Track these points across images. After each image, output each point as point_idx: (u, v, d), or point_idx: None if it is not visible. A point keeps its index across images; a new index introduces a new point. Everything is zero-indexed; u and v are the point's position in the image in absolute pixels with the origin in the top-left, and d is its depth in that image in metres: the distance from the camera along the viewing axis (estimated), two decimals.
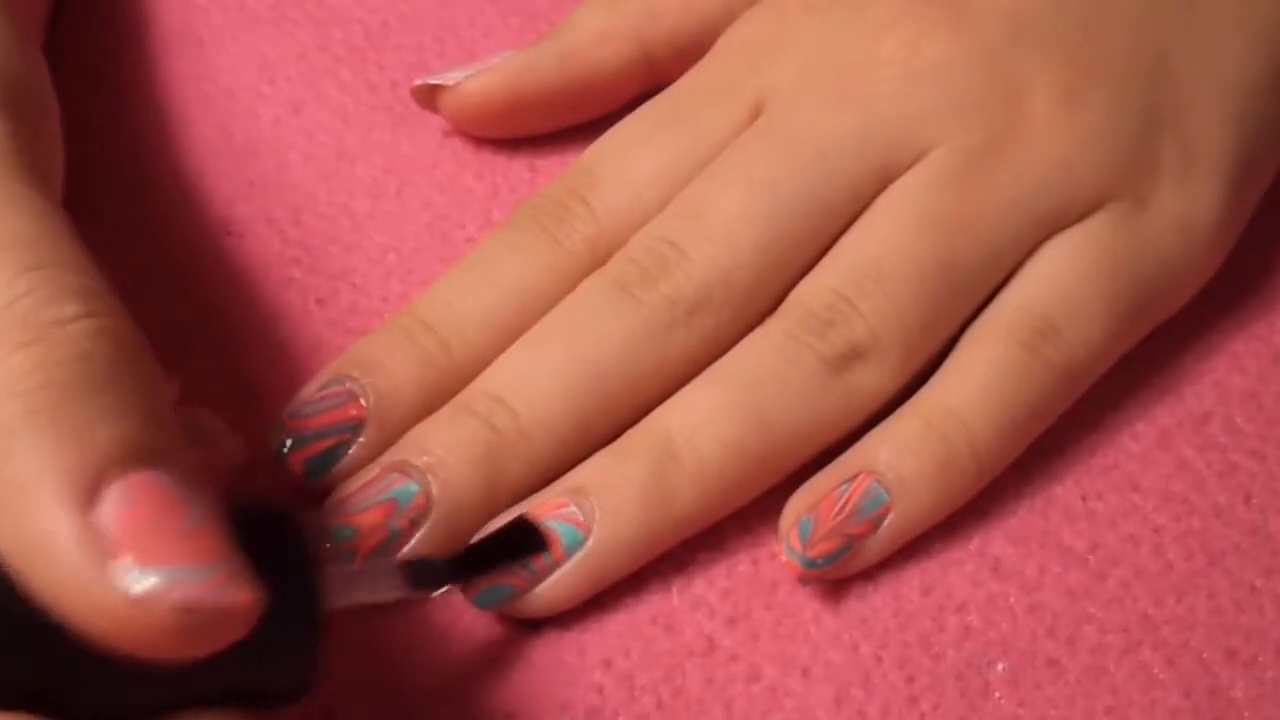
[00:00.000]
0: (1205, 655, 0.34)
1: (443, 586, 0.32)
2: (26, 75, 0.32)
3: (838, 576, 0.34)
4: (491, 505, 0.34)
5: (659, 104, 0.39)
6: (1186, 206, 0.37)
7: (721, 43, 0.39)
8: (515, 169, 0.41)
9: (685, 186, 0.37)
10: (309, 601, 0.28)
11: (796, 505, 0.34)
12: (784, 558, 0.34)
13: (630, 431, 0.35)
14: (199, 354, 0.37)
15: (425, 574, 0.31)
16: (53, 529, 0.24)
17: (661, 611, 0.34)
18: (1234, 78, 0.38)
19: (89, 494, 0.24)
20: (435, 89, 0.40)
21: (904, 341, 0.35)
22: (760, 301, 0.36)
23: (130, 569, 0.24)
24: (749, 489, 0.35)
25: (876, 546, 0.34)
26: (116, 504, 0.24)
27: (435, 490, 0.33)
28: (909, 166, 0.36)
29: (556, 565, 0.33)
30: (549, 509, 0.33)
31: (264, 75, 0.42)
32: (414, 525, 0.33)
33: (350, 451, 0.34)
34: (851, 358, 0.35)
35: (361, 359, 0.35)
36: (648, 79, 0.41)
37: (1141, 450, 0.37)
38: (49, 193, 0.29)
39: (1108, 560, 0.35)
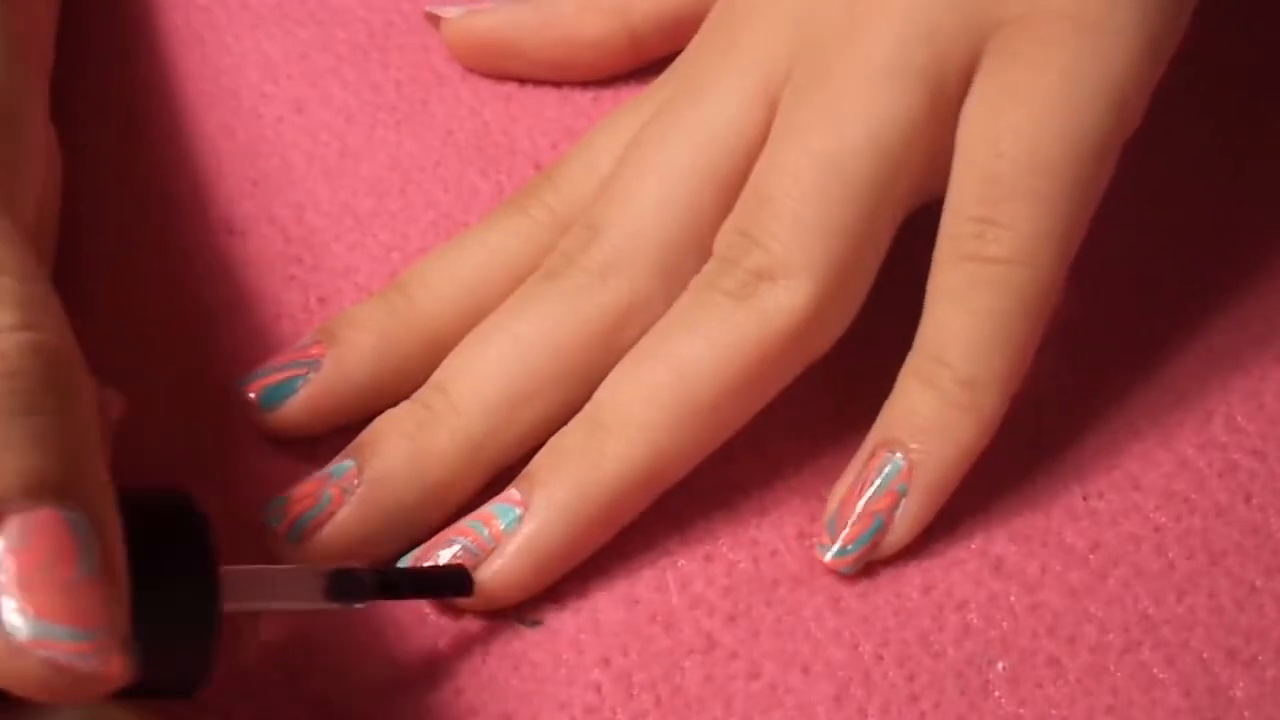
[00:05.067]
0: (1205, 655, 0.34)
1: (363, 601, 0.31)
2: (5, 90, 0.32)
3: (879, 556, 0.35)
4: (420, 473, 0.34)
5: (626, 103, 0.40)
6: None
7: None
8: (519, 167, 0.41)
9: None
10: (204, 600, 0.28)
11: (828, 509, 0.35)
12: (823, 560, 0.34)
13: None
14: (200, 352, 0.37)
15: (347, 585, 0.31)
16: None
17: (660, 609, 0.34)
18: None
19: None
20: (436, 19, 0.43)
21: (804, 253, 0.34)
22: (685, 258, 0.35)
23: (11, 612, 0.24)
24: (683, 438, 0.34)
25: (908, 516, 0.34)
26: (14, 539, 0.24)
27: (363, 462, 0.34)
28: (782, 86, 0.35)
29: (495, 542, 0.33)
30: (495, 500, 0.34)
31: (267, 75, 0.42)
32: (344, 494, 0.34)
33: (304, 386, 0.35)
34: (754, 283, 0.34)
35: (335, 317, 0.37)
36: (631, 55, 0.42)
37: (1143, 449, 0.37)
38: (7, 206, 0.29)
39: (1108, 559, 0.35)
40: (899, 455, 0.34)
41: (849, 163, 0.34)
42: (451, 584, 0.33)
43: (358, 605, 0.31)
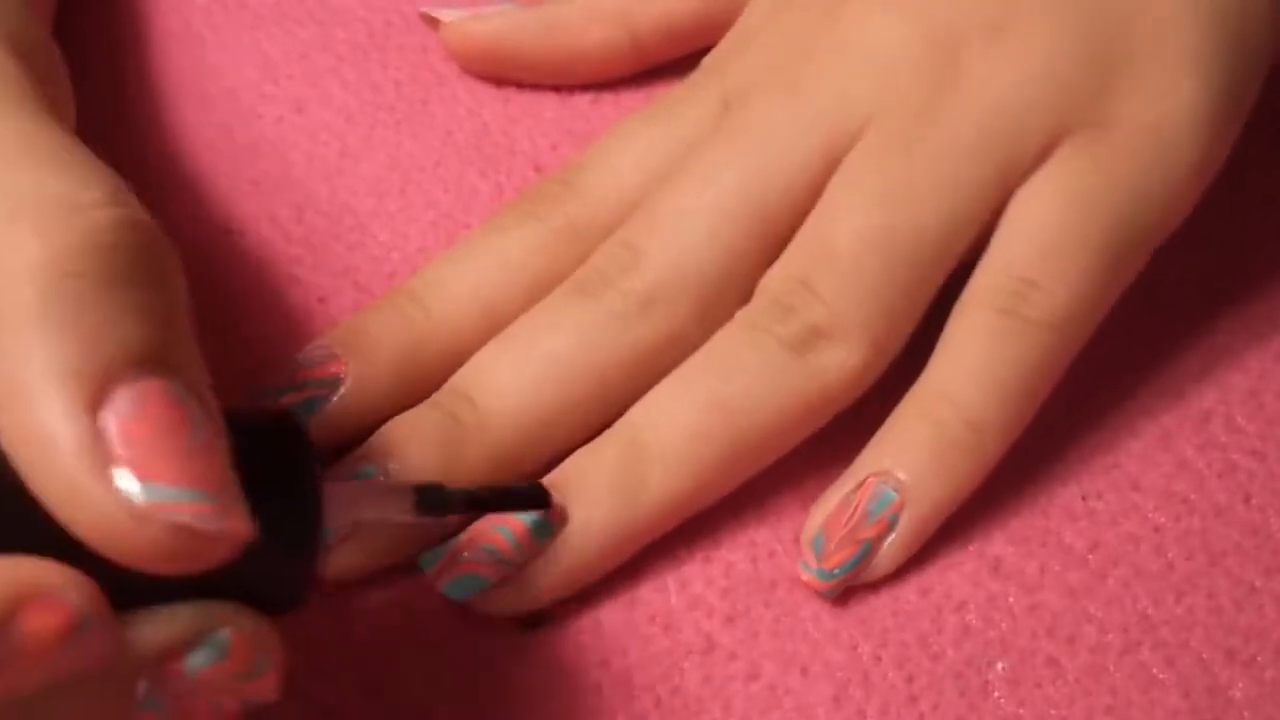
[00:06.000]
0: (1205, 655, 0.34)
1: (449, 514, 0.31)
2: (42, 47, 0.33)
3: (858, 583, 0.35)
4: None
5: (638, 113, 0.39)
6: (1159, 113, 0.35)
7: (703, 60, 0.40)
8: (519, 168, 0.41)
9: (663, 170, 0.37)
10: (309, 512, 0.28)
11: (811, 523, 0.35)
12: (803, 577, 0.34)
13: (604, 433, 0.35)
14: (200, 352, 0.37)
15: (434, 499, 0.31)
16: (57, 428, 0.24)
17: (660, 610, 0.34)
18: None
19: (97, 395, 0.24)
20: (433, 20, 0.43)
21: (864, 318, 0.35)
22: (724, 295, 0.36)
23: (130, 480, 0.24)
24: (722, 475, 0.35)
25: (896, 546, 0.34)
26: (124, 410, 0.24)
27: (392, 473, 0.34)
28: (855, 141, 0.36)
29: (526, 554, 0.33)
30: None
31: (267, 75, 0.42)
32: None
33: (325, 408, 0.35)
34: (811, 339, 0.34)
35: (347, 327, 0.36)
36: (634, 61, 0.42)
37: (1142, 449, 0.37)
38: (69, 128, 0.29)
39: (1108, 560, 0.35)
40: (891, 488, 0.34)
41: (920, 236, 0.35)
42: (532, 501, 0.33)
43: (445, 519, 0.32)
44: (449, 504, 0.31)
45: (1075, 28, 0.35)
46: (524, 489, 0.33)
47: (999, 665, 0.34)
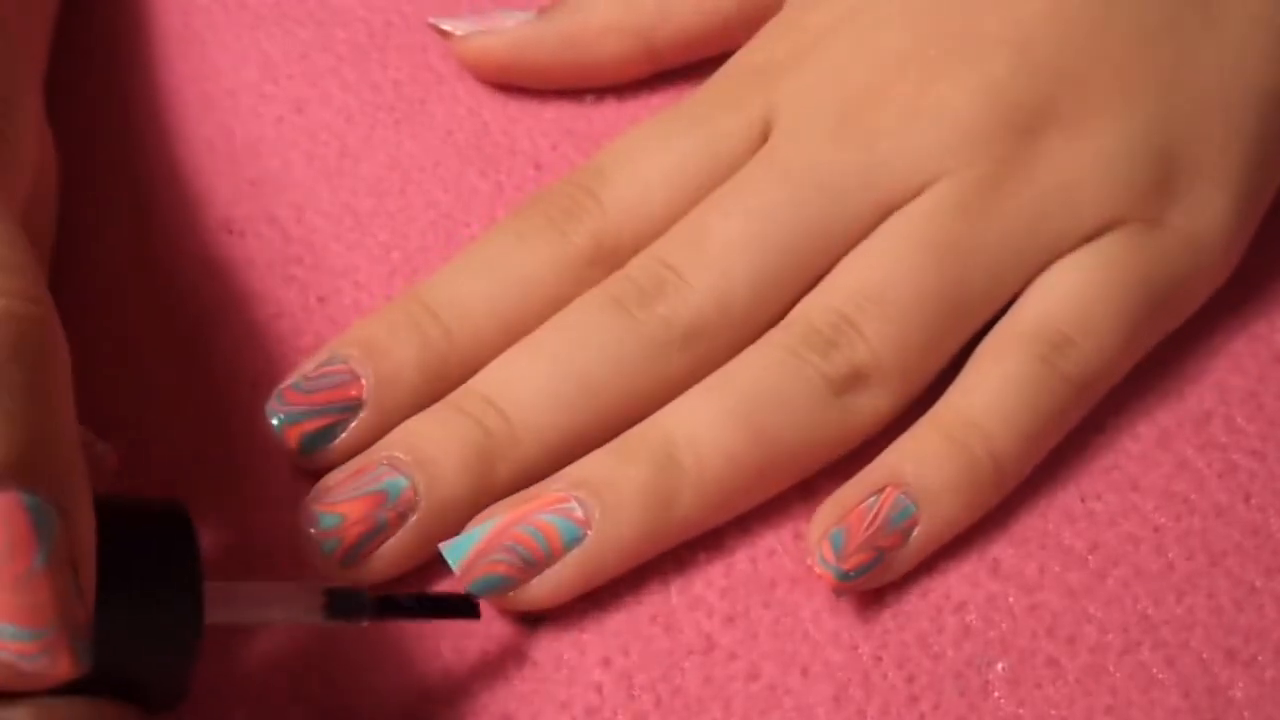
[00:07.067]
0: (1205, 655, 0.34)
1: (363, 620, 0.31)
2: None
3: (868, 588, 0.35)
4: (478, 504, 0.34)
5: (669, 114, 0.39)
6: (1197, 224, 0.37)
7: (734, 60, 0.40)
8: (520, 167, 0.41)
9: (695, 188, 0.37)
10: (189, 611, 0.27)
11: (825, 517, 0.35)
12: (817, 569, 0.34)
13: (631, 431, 0.35)
14: (201, 352, 0.37)
15: (347, 604, 0.31)
16: None
17: (660, 610, 0.34)
18: (1252, 85, 0.38)
19: None
20: (444, 33, 0.42)
21: (904, 365, 0.35)
22: (759, 324, 0.36)
23: None
24: (746, 499, 0.35)
25: (905, 558, 0.35)
26: None
27: (424, 487, 0.34)
28: (911, 199, 0.36)
29: (554, 559, 0.33)
30: (549, 502, 0.34)
31: (267, 75, 0.42)
32: (401, 519, 0.33)
33: (345, 433, 0.35)
34: (853, 380, 0.35)
35: (363, 339, 0.36)
36: (647, 69, 0.42)
37: (1141, 450, 0.37)
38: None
39: (1107, 560, 0.35)
40: (911, 502, 0.35)
41: (966, 294, 0.36)
42: (459, 611, 0.32)
43: (360, 624, 0.31)
44: (363, 610, 0.31)
45: (1144, 132, 0.37)
46: (455, 600, 0.32)
47: (999, 665, 0.34)
